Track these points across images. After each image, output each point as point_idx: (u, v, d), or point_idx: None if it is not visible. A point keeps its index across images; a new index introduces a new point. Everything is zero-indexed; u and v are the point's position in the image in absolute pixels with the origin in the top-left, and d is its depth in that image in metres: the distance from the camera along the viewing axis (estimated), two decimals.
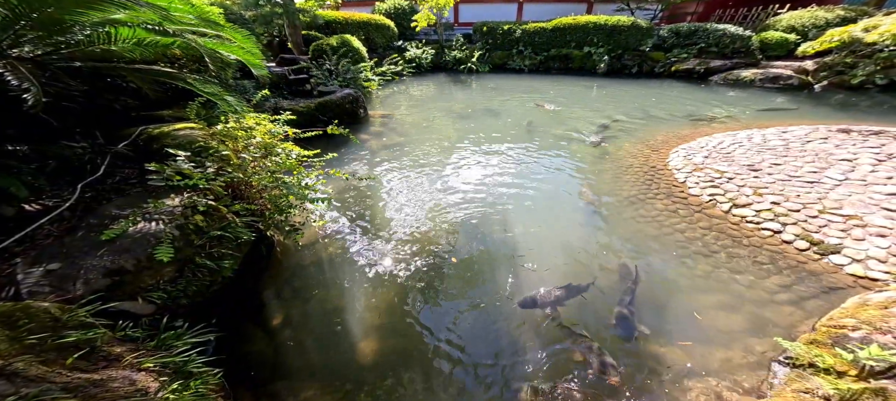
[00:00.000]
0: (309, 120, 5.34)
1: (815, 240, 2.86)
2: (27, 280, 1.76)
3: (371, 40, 11.16)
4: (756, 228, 3.14)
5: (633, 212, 3.50)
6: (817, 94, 8.07)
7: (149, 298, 1.98)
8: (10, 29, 1.87)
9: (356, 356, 2.12)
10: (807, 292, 2.48)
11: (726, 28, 10.22)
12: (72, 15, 1.92)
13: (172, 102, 3.78)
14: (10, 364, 1.26)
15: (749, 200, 3.42)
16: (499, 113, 7.18)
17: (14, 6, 1.78)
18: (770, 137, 4.79)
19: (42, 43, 2.10)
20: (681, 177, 4.08)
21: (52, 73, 2.14)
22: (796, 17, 9.94)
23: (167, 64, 3.30)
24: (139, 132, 2.90)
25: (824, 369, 1.80)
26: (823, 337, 1.99)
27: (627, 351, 2.09)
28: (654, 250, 2.94)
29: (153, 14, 2.16)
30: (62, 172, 2.41)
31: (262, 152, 2.75)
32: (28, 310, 1.54)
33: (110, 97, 2.98)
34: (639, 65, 11.10)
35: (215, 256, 2.32)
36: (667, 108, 7.36)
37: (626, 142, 5.40)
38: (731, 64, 9.90)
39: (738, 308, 2.38)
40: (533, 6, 14.98)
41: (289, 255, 2.96)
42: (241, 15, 8.27)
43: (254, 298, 2.52)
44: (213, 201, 2.31)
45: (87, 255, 1.90)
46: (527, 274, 2.72)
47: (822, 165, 3.81)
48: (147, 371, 1.63)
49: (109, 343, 1.66)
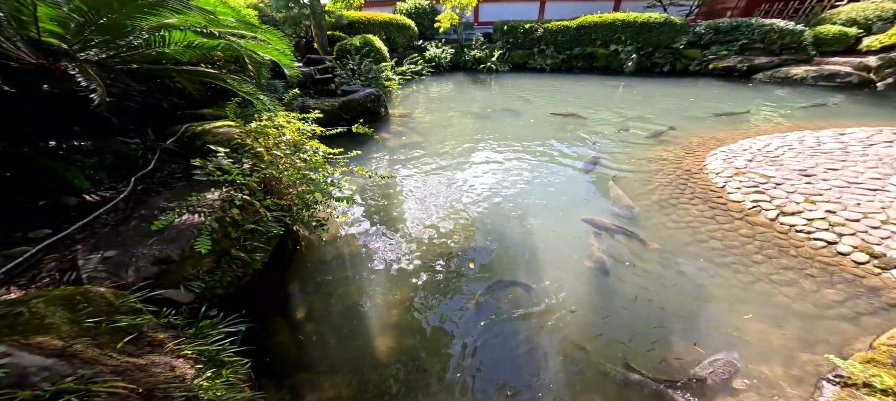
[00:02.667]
0: (333, 118, 5.51)
1: (876, 253, 2.60)
2: (87, 266, 1.91)
3: (392, 40, 11.30)
4: (807, 237, 2.89)
5: (664, 217, 3.33)
6: (880, 92, 7.32)
7: (189, 287, 2.11)
8: (80, 34, 2.06)
9: (374, 352, 2.15)
10: (864, 308, 2.26)
11: (774, 23, 9.48)
12: (132, 19, 2.09)
13: (212, 100, 4.02)
14: (70, 346, 1.34)
15: (799, 208, 3.15)
16: (519, 113, 7.06)
17: (85, 11, 1.95)
18: (825, 139, 4.40)
19: (106, 47, 2.31)
20: (719, 181, 3.84)
21: (115, 75, 2.33)
22: (859, 8, 9.05)
23: (209, 65, 3.51)
24: (184, 130, 3.11)
25: (882, 390, 1.64)
26: (883, 356, 1.81)
27: (658, 366, 1.99)
28: (689, 257, 2.78)
29: (201, 17, 2.31)
30: (118, 165, 2.63)
31: (291, 149, 2.86)
32: (87, 294, 1.65)
33: (159, 97, 3.21)
34: (671, 63, 10.53)
35: (248, 248, 2.44)
36: (705, 106, 6.94)
37: (659, 145, 5.14)
38: (779, 61, 9.18)
39: (783, 322, 2.20)
40: (556, 4, 14.45)
41: (312, 250, 3.06)
42: (272, 17, 8.65)
43: (280, 290, 2.62)
44: (249, 196, 2.43)
45: (138, 244, 2.05)
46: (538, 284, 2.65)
47: (886, 170, 3.45)
48: (185, 358, 1.70)
49: (154, 329, 1.74)
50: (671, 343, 2.12)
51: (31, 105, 2.10)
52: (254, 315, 2.27)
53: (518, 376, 1.97)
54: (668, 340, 2.14)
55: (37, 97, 2.09)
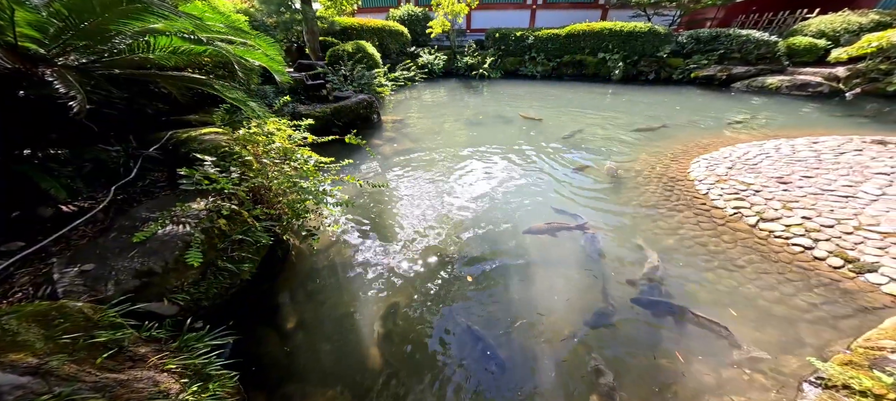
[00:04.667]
0: (325, 125, 5.45)
1: (850, 257, 2.72)
2: (63, 280, 1.83)
3: (385, 46, 11.33)
4: (785, 243, 3.00)
5: (651, 223, 3.41)
6: (849, 102, 7.72)
7: (173, 299, 2.05)
8: (59, 38, 1.99)
9: (367, 362, 2.12)
10: (841, 312, 2.35)
11: (750, 34, 9.92)
12: (116, 25, 2.02)
13: (198, 106, 3.93)
14: (45, 363, 1.30)
15: (778, 214, 3.28)
16: (511, 120, 7.15)
17: (65, 16, 1.89)
18: (800, 147, 4.60)
19: (87, 52, 2.23)
20: (703, 188, 3.96)
21: (96, 82, 2.25)
22: (827, 21, 9.56)
23: (196, 70, 3.43)
24: (169, 136, 3.02)
25: (860, 392, 1.70)
26: (860, 358, 1.88)
27: (646, 368, 2.03)
28: (675, 264, 2.85)
29: (188, 23, 2.26)
30: (97, 174, 2.53)
31: (281, 157, 2.82)
32: (63, 309, 1.59)
33: (143, 102, 3.12)
34: (656, 71, 10.89)
35: (235, 259, 2.38)
36: (690, 116, 7.17)
37: (643, 151, 5.28)
38: (756, 70, 9.59)
39: (765, 326, 2.28)
40: (546, 12, 14.93)
41: (303, 259, 3.01)
42: (263, 22, 8.55)
43: (269, 301, 2.57)
44: (237, 206, 2.38)
45: (118, 256, 1.98)
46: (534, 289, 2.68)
47: (857, 178, 3.63)
48: (169, 372, 1.66)
49: (135, 343, 1.70)
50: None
51: (5, 112, 2.01)
52: (242, 326, 2.21)
53: (516, 387, 1.97)
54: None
55: (12, 104, 2.01)
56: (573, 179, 4.47)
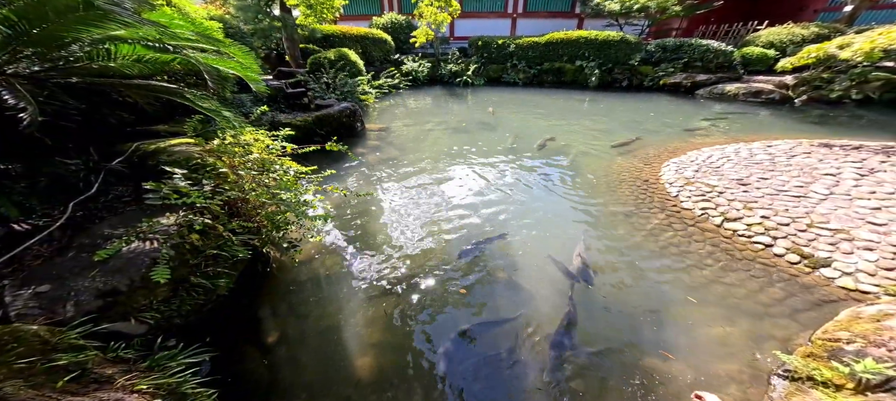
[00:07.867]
0: (306, 134, 5.33)
1: (805, 253, 2.93)
2: (15, 303, 1.70)
3: (368, 54, 11.27)
4: (748, 241, 3.20)
5: (628, 226, 3.55)
6: (798, 108, 8.38)
7: (142, 318, 1.93)
8: (7, 46, 1.85)
9: (353, 375, 2.07)
10: (801, 305, 2.52)
11: (710, 43, 10.60)
12: (72, 32, 1.90)
13: (168, 116, 3.74)
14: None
15: (740, 214, 3.50)
16: (494, 127, 7.27)
17: (13, 23, 1.76)
18: (756, 151, 4.94)
19: (40, 60, 2.08)
20: (673, 191, 4.17)
21: (50, 92, 2.10)
22: (774, 33, 10.38)
23: (166, 78, 3.28)
24: (134, 149, 2.86)
25: (822, 383, 1.82)
26: (820, 350, 2.02)
27: (629, 365, 2.10)
28: (649, 264, 2.97)
29: (153, 30, 2.17)
30: (54, 190, 2.35)
31: (259, 168, 2.73)
32: (16, 333, 1.49)
33: (106, 111, 2.94)
34: (629, 79, 11.43)
35: (210, 274, 2.27)
36: (660, 121, 7.55)
37: (622, 156, 5.51)
38: (716, 78, 10.24)
39: (734, 321, 2.41)
40: (526, 21, 15.41)
41: (285, 271, 2.91)
42: (240, 28, 8.31)
43: (249, 316, 2.47)
44: (211, 220, 2.28)
45: (78, 276, 1.85)
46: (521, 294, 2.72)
47: (807, 179, 3.94)
48: (140, 393, 1.57)
49: (100, 365, 1.61)
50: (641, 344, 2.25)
51: None
52: (221, 343, 2.12)
53: (506, 392, 1.98)
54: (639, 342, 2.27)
55: None
56: (557, 187, 4.59)
